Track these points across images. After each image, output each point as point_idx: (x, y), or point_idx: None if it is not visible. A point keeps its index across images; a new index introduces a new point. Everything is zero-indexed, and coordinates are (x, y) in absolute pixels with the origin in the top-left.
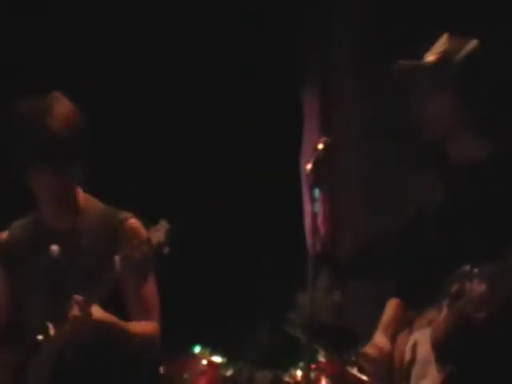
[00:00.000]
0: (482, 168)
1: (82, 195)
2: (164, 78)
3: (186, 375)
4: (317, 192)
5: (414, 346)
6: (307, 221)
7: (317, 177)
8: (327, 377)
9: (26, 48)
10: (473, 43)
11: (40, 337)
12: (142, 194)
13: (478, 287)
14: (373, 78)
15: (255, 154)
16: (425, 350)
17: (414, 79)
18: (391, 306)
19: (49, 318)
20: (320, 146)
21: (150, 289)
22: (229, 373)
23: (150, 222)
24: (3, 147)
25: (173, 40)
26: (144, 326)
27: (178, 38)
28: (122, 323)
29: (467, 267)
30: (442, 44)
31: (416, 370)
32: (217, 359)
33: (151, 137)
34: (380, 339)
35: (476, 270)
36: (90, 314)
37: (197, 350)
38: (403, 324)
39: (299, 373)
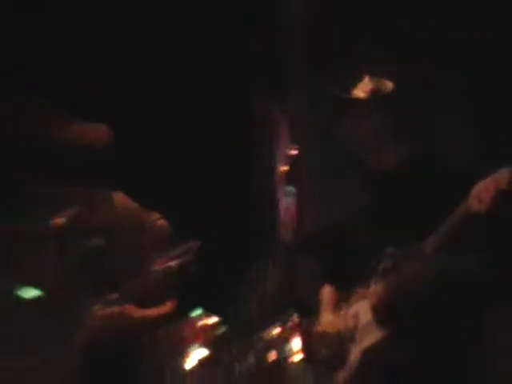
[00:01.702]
0: (396, 171)
1: (119, 196)
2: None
3: (184, 334)
4: (290, 188)
5: (356, 315)
6: (281, 210)
7: (290, 176)
8: (298, 334)
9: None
10: (388, 83)
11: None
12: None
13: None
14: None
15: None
16: (365, 316)
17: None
18: (327, 291)
19: (86, 299)
20: (292, 153)
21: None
22: (222, 330)
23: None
24: None
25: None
26: (158, 309)
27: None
28: (140, 310)
29: (389, 252)
30: (366, 83)
31: (360, 332)
32: (212, 320)
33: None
34: (327, 316)
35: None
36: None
37: (197, 312)
38: (338, 303)
39: (276, 331)
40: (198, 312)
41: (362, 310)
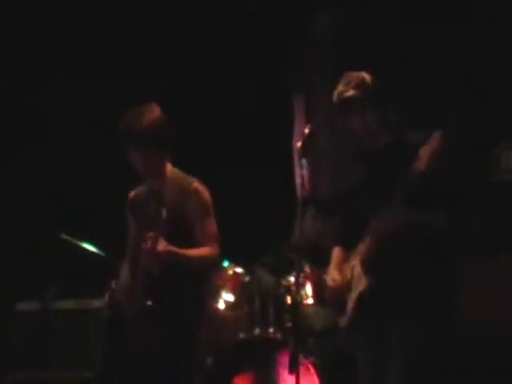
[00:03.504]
0: (385, 152)
1: (169, 167)
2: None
3: (217, 281)
4: (304, 161)
5: (352, 268)
6: (297, 180)
7: (304, 151)
8: (310, 282)
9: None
10: (366, 76)
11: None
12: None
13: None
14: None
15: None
16: (358, 268)
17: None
18: (336, 251)
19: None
20: (306, 131)
21: (208, 222)
22: (246, 279)
23: None
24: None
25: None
26: (200, 251)
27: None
28: (183, 250)
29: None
30: (349, 82)
31: (354, 283)
32: (239, 270)
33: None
34: (333, 272)
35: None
36: (156, 246)
37: (225, 263)
38: (344, 261)
39: (292, 278)
40: (226, 263)
41: (356, 264)
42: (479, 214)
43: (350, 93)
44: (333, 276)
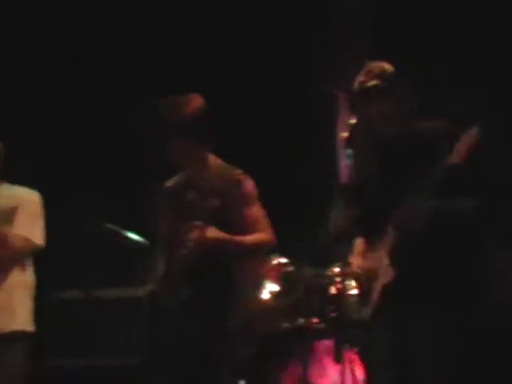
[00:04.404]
0: (402, 141)
1: (211, 157)
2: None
3: (261, 271)
4: (349, 151)
5: (379, 258)
6: (342, 168)
7: (349, 141)
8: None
9: None
10: (387, 66)
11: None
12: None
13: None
14: None
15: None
16: (385, 259)
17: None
18: (358, 242)
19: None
20: (351, 122)
21: (256, 210)
22: (290, 269)
23: None
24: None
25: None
26: (254, 236)
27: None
28: (235, 237)
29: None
30: (371, 71)
31: (380, 273)
32: (283, 260)
33: None
34: (357, 261)
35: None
36: (205, 234)
37: (269, 253)
38: (367, 249)
39: (337, 269)
40: (272, 253)
41: (383, 254)
42: None
43: (371, 83)
44: (358, 263)
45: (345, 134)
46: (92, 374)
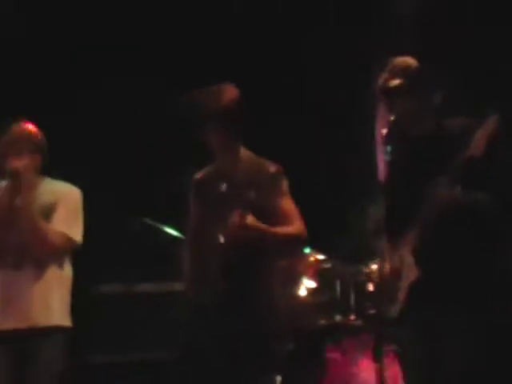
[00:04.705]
0: (430, 139)
1: (242, 149)
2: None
3: (300, 267)
4: (389, 148)
5: (402, 257)
6: (380, 165)
7: (388, 138)
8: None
9: None
10: (413, 62)
11: (220, 240)
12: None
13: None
14: None
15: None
16: (409, 258)
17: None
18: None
19: (219, 229)
20: (391, 119)
21: (288, 203)
22: (327, 265)
23: None
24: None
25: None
26: (287, 228)
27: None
28: (270, 227)
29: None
30: (393, 69)
31: (405, 272)
32: (320, 256)
33: None
34: (386, 265)
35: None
36: (245, 220)
37: (307, 250)
38: (392, 249)
39: (375, 266)
40: (307, 250)
41: (406, 253)
42: None
43: (395, 81)
44: (387, 269)
45: (384, 131)
46: (131, 369)
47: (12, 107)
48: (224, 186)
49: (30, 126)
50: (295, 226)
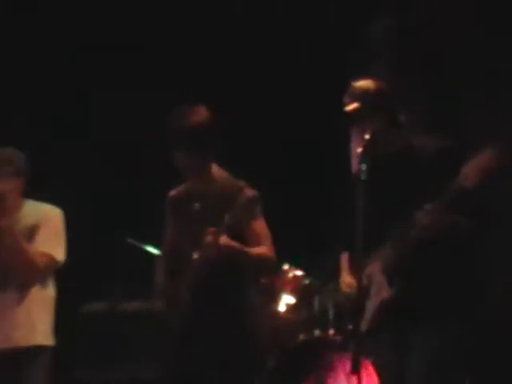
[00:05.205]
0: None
1: (214, 168)
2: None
3: (277, 284)
4: (364, 166)
5: (369, 275)
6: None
7: (364, 157)
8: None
9: None
10: (370, 84)
11: (194, 256)
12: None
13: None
14: None
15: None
16: (378, 276)
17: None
18: (345, 256)
19: (193, 247)
20: (366, 137)
21: (261, 226)
22: (306, 282)
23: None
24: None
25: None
26: (259, 249)
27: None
28: (243, 246)
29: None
30: (352, 93)
31: (373, 290)
32: (298, 273)
33: None
34: (346, 278)
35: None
36: (218, 240)
37: (285, 266)
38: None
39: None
40: (286, 266)
41: (375, 271)
42: None
43: (353, 105)
44: (347, 281)
45: (360, 149)
46: None
47: None
48: (197, 205)
49: (12, 150)
50: (266, 248)
